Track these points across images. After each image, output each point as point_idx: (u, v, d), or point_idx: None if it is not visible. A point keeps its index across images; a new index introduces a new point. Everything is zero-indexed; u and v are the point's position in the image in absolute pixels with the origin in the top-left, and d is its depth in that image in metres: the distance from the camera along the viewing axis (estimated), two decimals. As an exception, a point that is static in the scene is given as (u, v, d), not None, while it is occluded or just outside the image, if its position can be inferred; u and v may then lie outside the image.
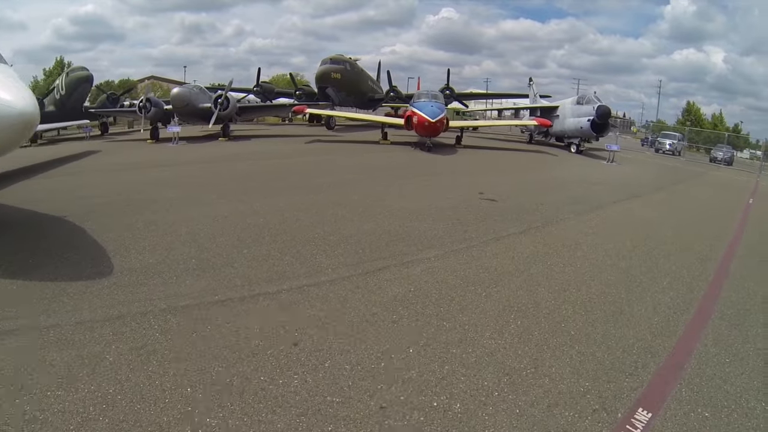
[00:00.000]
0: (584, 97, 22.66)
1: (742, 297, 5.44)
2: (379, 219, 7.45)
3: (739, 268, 6.57)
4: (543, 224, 7.73)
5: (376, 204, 8.50)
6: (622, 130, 53.32)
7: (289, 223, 6.65)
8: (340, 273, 4.95)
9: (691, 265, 6.43)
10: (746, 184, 19.53)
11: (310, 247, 5.69)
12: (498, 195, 9.89)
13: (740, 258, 7.11)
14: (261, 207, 7.52)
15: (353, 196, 9.01)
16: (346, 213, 7.70)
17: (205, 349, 3.32)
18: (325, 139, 21.90)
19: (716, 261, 6.82)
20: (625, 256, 6.51)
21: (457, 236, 6.84)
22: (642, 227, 8.35)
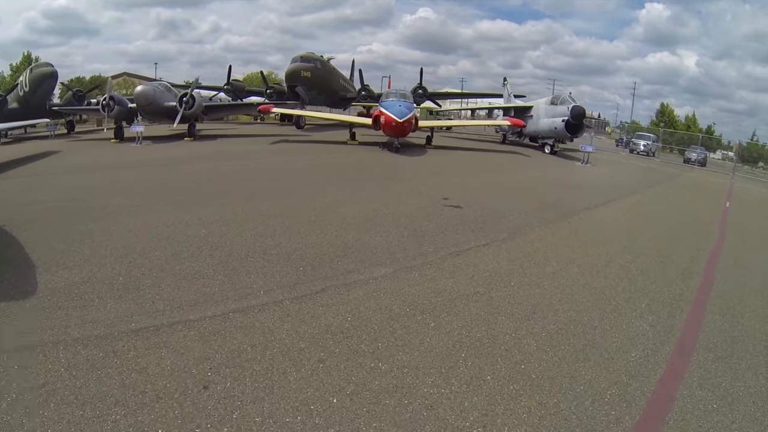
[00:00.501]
0: (559, 98, 22.45)
1: (728, 321, 4.92)
2: (329, 229, 6.77)
3: (724, 284, 6.07)
4: (510, 235, 7.08)
5: (330, 211, 7.82)
6: (597, 131, 53.93)
7: (232, 235, 6.09)
8: (273, 296, 4.39)
9: (672, 281, 5.88)
10: (721, 186, 19.51)
11: (248, 263, 5.15)
12: (464, 200, 9.24)
13: (724, 271, 6.63)
14: (207, 216, 6.97)
15: (306, 203, 8.35)
16: (295, 223, 7.01)
17: (108, 391, 2.96)
18: (293, 139, 21.14)
19: (698, 276, 6.30)
20: (600, 272, 5.90)
21: (412, 250, 6.13)
22: (618, 236, 7.81)
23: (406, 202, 8.78)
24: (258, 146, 18.63)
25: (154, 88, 19.35)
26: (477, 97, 46.21)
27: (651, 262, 6.63)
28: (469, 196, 9.78)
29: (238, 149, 17.77)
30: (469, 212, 8.35)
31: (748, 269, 7.03)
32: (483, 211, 8.44)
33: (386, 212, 7.99)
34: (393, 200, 8.95)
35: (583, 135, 22.85)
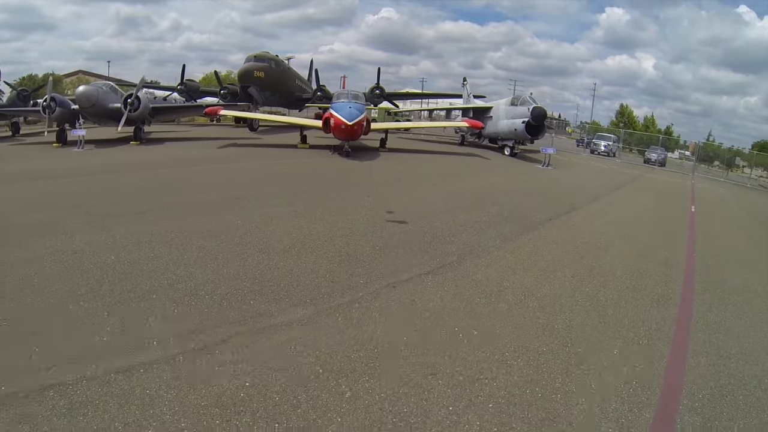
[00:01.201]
0: (519, 98, 22.10)
1: (713, 364, 4.21)
2: (251, 255, 5.82)
3: (703, 312, 5.46)
4: (459, 258, 6.18)
5: (259, 230, 6.83)
6: (558, 131, 54.72)
7: (141, 263, 5.29)
8: (166, 349, 3.63)
9: (647, 313, 5.14)
10: (683, 188, 19.53)
11: (149, 302, 4.38)
12: (410, 214, 8.32)
13: (700, 294, 6.03)
14: (123, 236, 6.20)
15: (236, 219, 7.30)
16: (216, 245, 6.06)
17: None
18: (243, 143, 19.97)
19: (674, 302, 5.63)
20: (564, 306, 5.07)
21: (341, 282, 5.17)
22: (583, 254, 7.07)
23: (346, 217, 7.80)
24: (205, 151, 17.40)
25: (97, 89, 18.19)
26: (436, 97, 46.06)
27: (621, 286, 5.89)
28: (418, 208, 8.87)
29: (183, 155, 16.48)
30: (415, 229, 7.43)
31: (726, 288, 6.48)
32: (431, 227, 7.53)
33: (321, 231, 7.00)
34: (331, 215, 7.98)
35: (544, 136, 22.47)
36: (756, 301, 6.17)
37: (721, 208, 16.14)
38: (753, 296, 6.35)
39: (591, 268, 6.50)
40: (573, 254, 7.05)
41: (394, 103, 37.43)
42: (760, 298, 6.34)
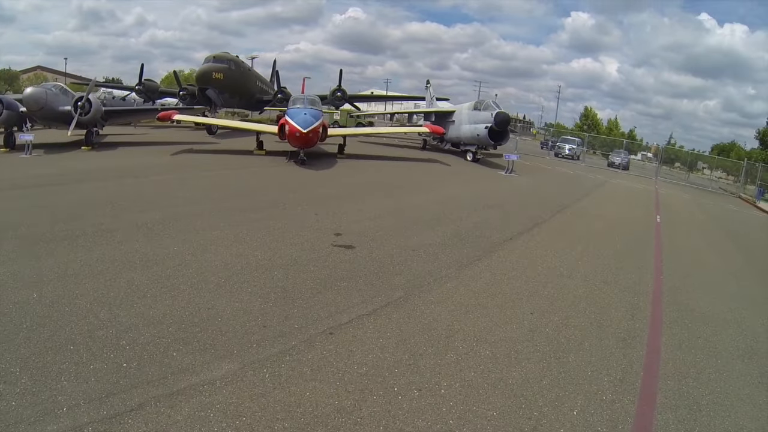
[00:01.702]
0: (482, 103, 21.95)
1: (683, 421, 3.88)
2: (182, 291, 5.22)
3: (672, 350, 5.18)
4: (407, 293, 5.65)
5: (194, 259, 6.21)
6: (522, 132, 55.51)
7: (65, 303, 4.70)
8: (75, 418, 3.12)
9: (612, 357, 4.77)
10: (647, 195, 19.71)
11: (64, 355, 3.84)
12: (359, 235, 7.77)
13: (669, 327, 5.70)
14: (51, 267, 5.55)
15: (172, 245, 6.64)
16: (147, 279, 5.44)
17: None
18: (198, 149, 19.07)
19: (642, 340, 5.30)
20: (520, 354, 4.61)
21: (273, 327, 4.62)
22: (545, 283, 6.66)
23: (290, 241, 7.21)
24: (158, 158, 16.44)
25: (46, 91, 17.23)
26: (401, 99, 46.01)
27: (585, 323, 5.49)
28: (368, 227, 8.34)
29: (134, 162, 15.49)
30: (362, 255, 6.87)
31: (695, 317, 6.24)
32: (380, 252, 6.99)
33: (260, 259, 6.40)
34: (275, 239, 7.35)
35: (508, 141, 22.37)
36: (725, 332, 5.91)
37: (686, 217, 16.29)
38: (722, 325, 6.09)
39: (552, 300, 6.08)
40: (533, 284, 6.63)
41: (356, 105, 37.10)
42: (728, 327, 6.10)
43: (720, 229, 14.98)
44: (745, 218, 18.95)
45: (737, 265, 9.96)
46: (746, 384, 4.71)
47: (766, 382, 4.83)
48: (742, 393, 4.51)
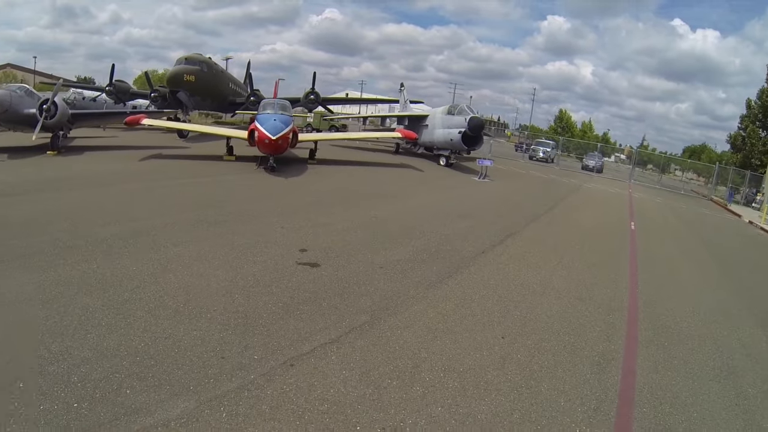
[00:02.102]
0: (456, 107, 21.92)
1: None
2: (137, 319, 4.88)
3: (648, 372, 5.13)
4: (372, 317, 5.46)
5: (152, 283, 5.81)
6: (497, 134, 56.03)
7: (13, 335, 4.40)
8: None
9: (586, 384, 4.72)
10: (622, 199, 19.94)
11: (12, 397, 3.55)
12: (326, 251, 7.52)
13: (646, 346, 5.67)
14: (2, 293, 5.16)
15: (131, 266, 6.24)
16: (101, 305, 5.06)
17: None
18: (167, 154, 18.48)
19: (617, 363, 5.23)
20: (490, 384, 4.46)
21: (232, 359, 4.40)
22: (517, 302, 6.53)
23: (253, 259, 6.92)
24: (125, 165, 15.83)
25: (10, 94, 16.67)
26: (375, 102, 45.84)
27: (559, 346, 5.38)
28: (335, 242, 8.10)
29: (99, 169, 14.85)
30: (327, 274, 6.63)
31: (671, 335, 6.21)
32: (346, 271, 6.76)
33: (221, 279, 6.11)
34: (238, 256, 7.04)
35: (482, 146, 22.39)
36: (701, 350, 5.88)
37: (660, 222, 16.50)
38: (698, 344, 6.05)
39: (525, 322, 5.93)
40: (505, 302, 6.48)
41: (329, 108, 36.88)
42: (705, 344, 6.07)
43: (694, 236, 15.20)
44: (718, 222, 19.37)
45: (712, 276, 10.03)
46: (723, 407, 4.65)
47: (743, 403, 4.78)
48: (719, 417, 4.44)
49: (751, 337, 6.63)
